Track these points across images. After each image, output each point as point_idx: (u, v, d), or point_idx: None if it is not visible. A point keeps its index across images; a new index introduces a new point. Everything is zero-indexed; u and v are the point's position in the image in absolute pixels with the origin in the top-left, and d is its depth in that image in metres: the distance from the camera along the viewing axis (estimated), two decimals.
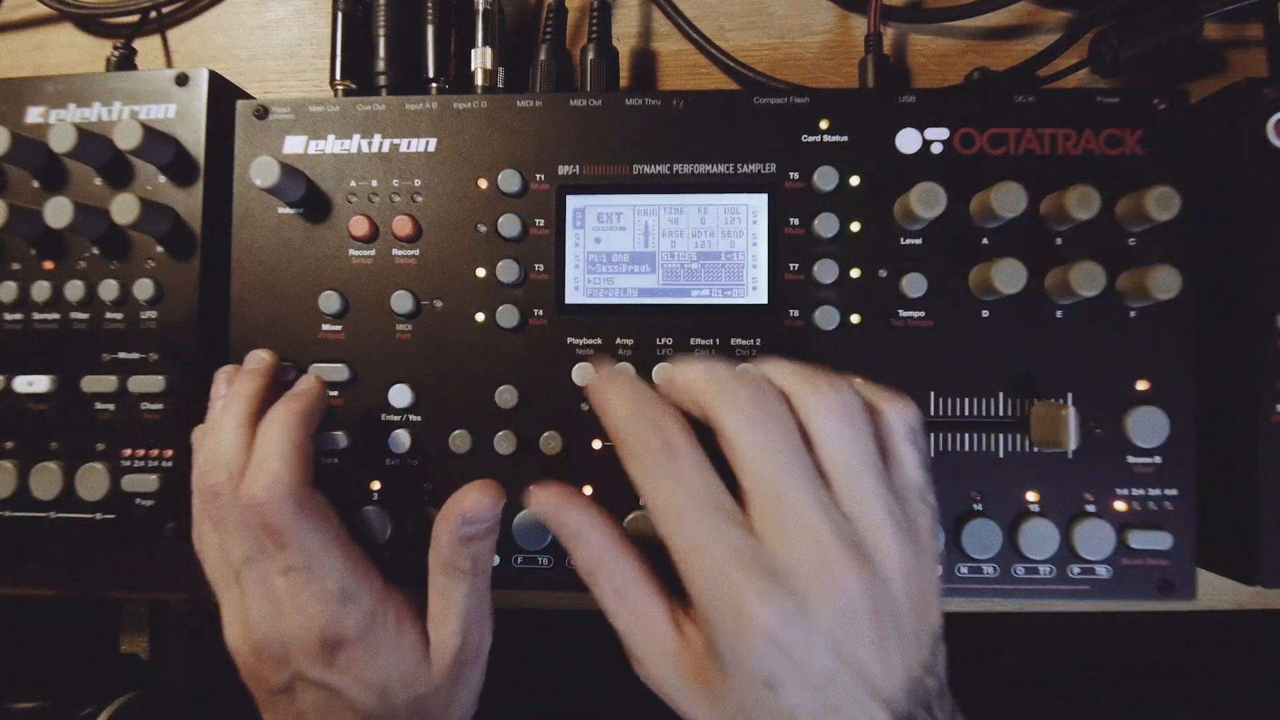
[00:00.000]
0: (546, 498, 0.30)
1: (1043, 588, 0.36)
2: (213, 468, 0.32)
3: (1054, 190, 0.35)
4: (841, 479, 0.27)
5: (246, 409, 0.34)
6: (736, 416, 0.27)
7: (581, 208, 0.37)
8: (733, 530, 0.26)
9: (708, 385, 0.27)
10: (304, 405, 0.34)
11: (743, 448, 0.26)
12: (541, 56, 0.42)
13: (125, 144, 0.36)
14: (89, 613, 0.60)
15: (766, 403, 0.27)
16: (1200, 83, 0.43)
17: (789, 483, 0.26)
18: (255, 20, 0.49)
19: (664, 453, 0.27)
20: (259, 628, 0.32)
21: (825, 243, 0.37)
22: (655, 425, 0.27)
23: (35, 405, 0.38)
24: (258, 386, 0.35)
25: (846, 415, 0.27)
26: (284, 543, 0.31)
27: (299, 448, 0.33)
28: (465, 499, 0.32)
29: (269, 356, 0.37)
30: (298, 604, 0.32)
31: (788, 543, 0.25)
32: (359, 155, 0.38)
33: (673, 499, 0.26)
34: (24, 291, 0.38)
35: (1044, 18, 0.45)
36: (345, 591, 0.32)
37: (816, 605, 0.25)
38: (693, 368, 0.28)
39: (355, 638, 0.32)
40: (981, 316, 0.36)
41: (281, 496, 0.31)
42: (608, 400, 0.29)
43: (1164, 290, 0.33)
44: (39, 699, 0.50)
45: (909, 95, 0.37)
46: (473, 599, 0.34)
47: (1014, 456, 0.36)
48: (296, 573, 0.32)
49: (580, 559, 0.29)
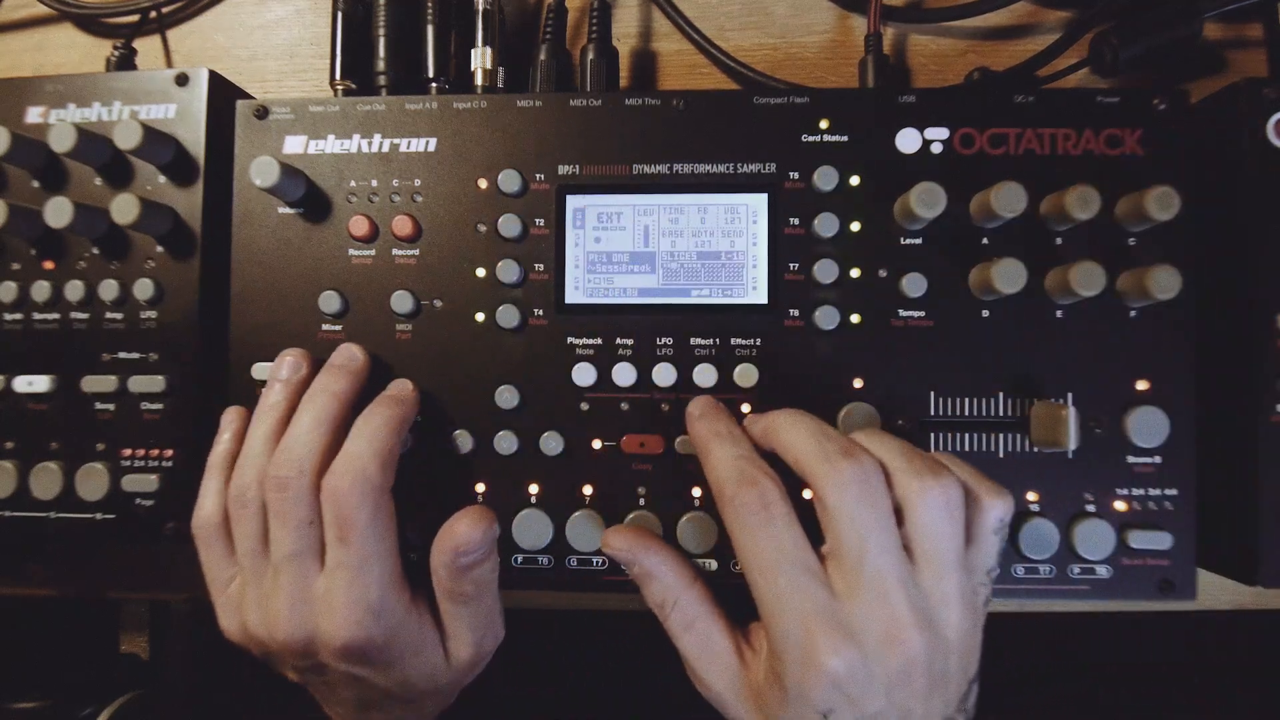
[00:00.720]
0: (621, 542, 0.33)
1: (1043, 588, 0.36)
2: (284, 461, 0.32)
3: (1054, 190, 0.35)
4: (926, 561, 0.29)
5: (333, 408, 0.34)
6: (838, 494, 0.29)
7: (581, 208, 0.37)
8: (814, 587, 0.29)
9: (813, 457, 0.30)
10: (402, 413, 0.34)
11: (839, 521, 0.29)
12: (541, 56, 0.42)
13: (125, 144, 0.36)
14: (89, 613, 0.60)
15: (868, 486, 0.29)
16: (1200, 83, 0.43)
17: (876, 556, 0.28)
18: (255, 20, 0.49)
19: (761, 511, 0.29)
20: (288, 622, 0.32)
21: (825, 243, 0.37)
22: (754, 483, 0.30)
23: (35, 405, 0.38)
24: (348, 388, 0.35)
25: (946, 509, 0.29)
26: (349, 539, 0.32)
27: (393, 451, 0.33)
28: (456, 531, 0.33)
29: (362, 355, 0.36)
30: (331, 604, 0.32)
31: (863, 605, 0.28)
32: (359, 155, 0.38)
33: (763, 552, 0.29)
34: (24, 291, 0.38)
35: (1044, 18, 0.45)
36: (382, 604, 0.32)
37: (879, 662, 0.28)
38: (799, 430, 0.31)
39: (380, 647, 0.32)
40: (981, 316, 0.36)
41: (364, 494, 0.32)
42: (710, 450, 0.32)
43: (1164, 290, 0.33)
44: (39, 699, 0.50)
45: (909, 95, 0.37)
46: (480, 615, 0.35)
47: (1014, 456, 0.36)
48: (343, 571, 0.32)
49: (652, 595, 0.33)
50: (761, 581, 0.29)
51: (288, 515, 0.32)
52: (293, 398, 0.35)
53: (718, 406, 0.35)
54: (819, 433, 0.31)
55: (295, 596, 0.32)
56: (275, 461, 0.33)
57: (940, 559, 0.29)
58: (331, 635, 0.32)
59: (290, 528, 0.32)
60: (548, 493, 0.37)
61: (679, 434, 0.36)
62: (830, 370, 0.36)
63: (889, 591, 0.28)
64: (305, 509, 0.32)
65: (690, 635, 0.32)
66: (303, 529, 0.32)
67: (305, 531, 0.32)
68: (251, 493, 0.33)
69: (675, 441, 0.36)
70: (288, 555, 0.32)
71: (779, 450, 0.32)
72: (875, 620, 0.28)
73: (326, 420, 0.33)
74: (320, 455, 0.33)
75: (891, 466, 0.30)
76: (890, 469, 0.30)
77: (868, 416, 0.36)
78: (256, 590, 0.33)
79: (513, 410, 0.37)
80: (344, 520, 0.32)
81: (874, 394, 0.36)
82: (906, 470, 0.30)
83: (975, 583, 0.30)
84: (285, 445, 0.33)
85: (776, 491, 0.30)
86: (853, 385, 0.36)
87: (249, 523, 0.33)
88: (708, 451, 0.32)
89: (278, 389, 0.35)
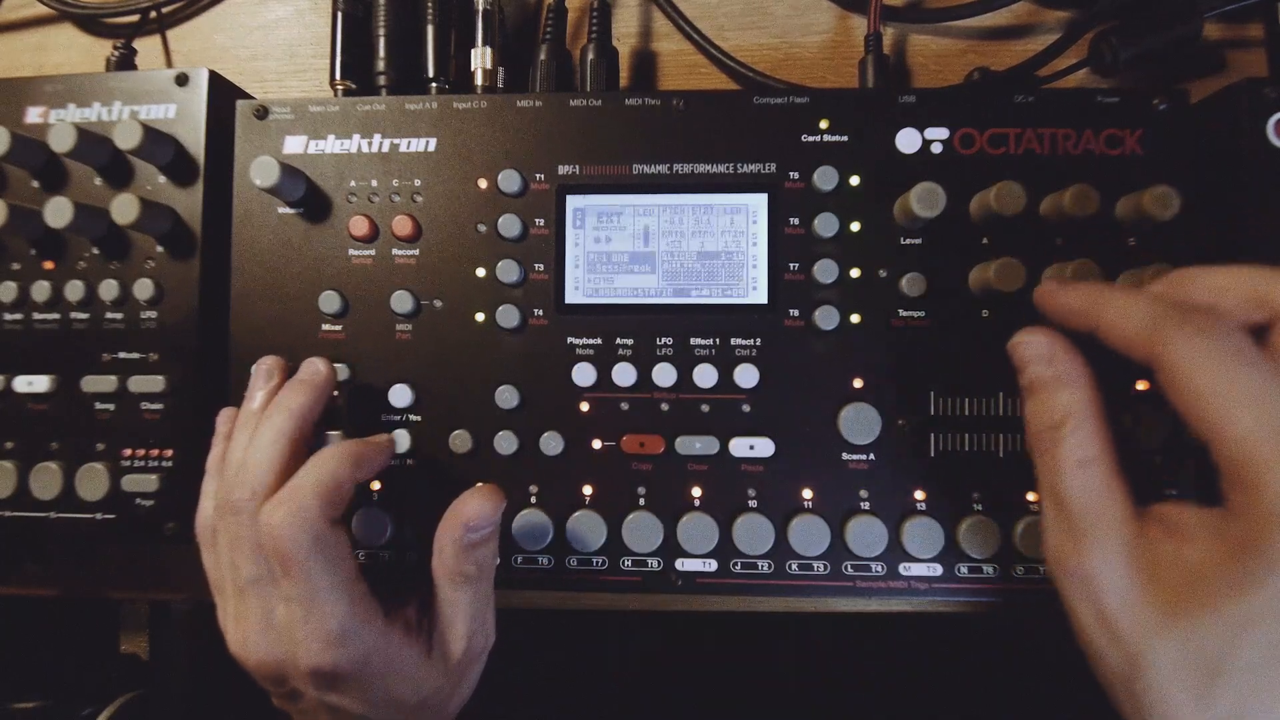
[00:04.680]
0: (1041, 334, 0.29)
1: (1043, 588, 0.36)
2: (239, 482, 0.32)
3: (1054, 190, 0.35)
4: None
5: (290, 425, 0.33)
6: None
7: (581, 208, 0.37)
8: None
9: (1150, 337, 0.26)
10: (365, 452, 0.33)
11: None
12: (541, 56, 0.42)
13: (125, 144, 0.36)
14: (89, 613, 0.60)
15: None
16: (1200, 83, 0.43)
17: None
18: (255, 20, 0.49)
19: (1219, 335, 0.25)
20: (257, 647, 0.32)
21: (825, 243, 0.37)
22: (1189, 314, 0.26)
23: (35, 405, 0.38)
24: (308, 402, 0.34)
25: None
26: (291, 574, 0.30)
27: (340, 486, 0.32)
28: (468, 506, 0.32)
29: (325, 368, 0.35)
30: (293, 636, 0.31)
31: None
32: (359, 155, 0.38)
33: (1241, 382, 0.24)
34: (24, 291, 0.38)
35: (1044, 18, 0.45)
36: (344, 632, 0.31)
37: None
38: (1127, 310, 0.27)
39: (348, 674, 0.31)
40: (981, 316, 0.36)
41: (299, 529, 0.30)
42: (1105, 308, 0.27)
43: None
44: (39, 699, 0.50)
45: (909, 95, 0.37)
46: (478, 603, 0.34)
47: (1014, 456, 0.36)
48: (296, 604, 0.31)
49: (1050, 408, 0.27)
50: (1239, 414, 0.24)
51: (242, 540, 0.31)
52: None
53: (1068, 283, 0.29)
54: (1150, 309, 0.26)
55: (262, 621, 0.31)
56: (228, 484, 0.32)
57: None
58: (299, 660, 0.31)
59: (246, 553, 0.31)
60: (548, 493, 0.37)
61: (679, 434, 0.36)
62: (830, 370, 0.36)
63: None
64: (256, 532, 0.31)
65: (1084, 478, 0.26)
66: (258, 555, 0.31)
67: (260, 557, 0.31)
68: (215, 512, 0.33)
69: (675, 441, 0.36)
70: (250, 580, 0.32)
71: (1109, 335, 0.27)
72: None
73: (282, 438, 0.32)
74: (274, 476, 0.32)
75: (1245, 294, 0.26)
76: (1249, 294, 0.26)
77: (868, 416, 0.36)
78: (236, 602, 0.33)
79: (513, 410, 0.37)
80: (282, 556, 0.30)
81: (874, 394, 0.36)
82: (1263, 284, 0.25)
83: None
84: (238, 467, 0.32)
85: (1210, 315, 0.25)
86: (853, 385, 0.36)
87: (219, 542, 0.33)
88: (1103, 308, 0.27)
89: (259, 398, 0.35)
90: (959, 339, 0.36)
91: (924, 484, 0.36)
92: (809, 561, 0.36)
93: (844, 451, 0.36)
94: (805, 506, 0.36)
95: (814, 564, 0.36)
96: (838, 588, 0.36)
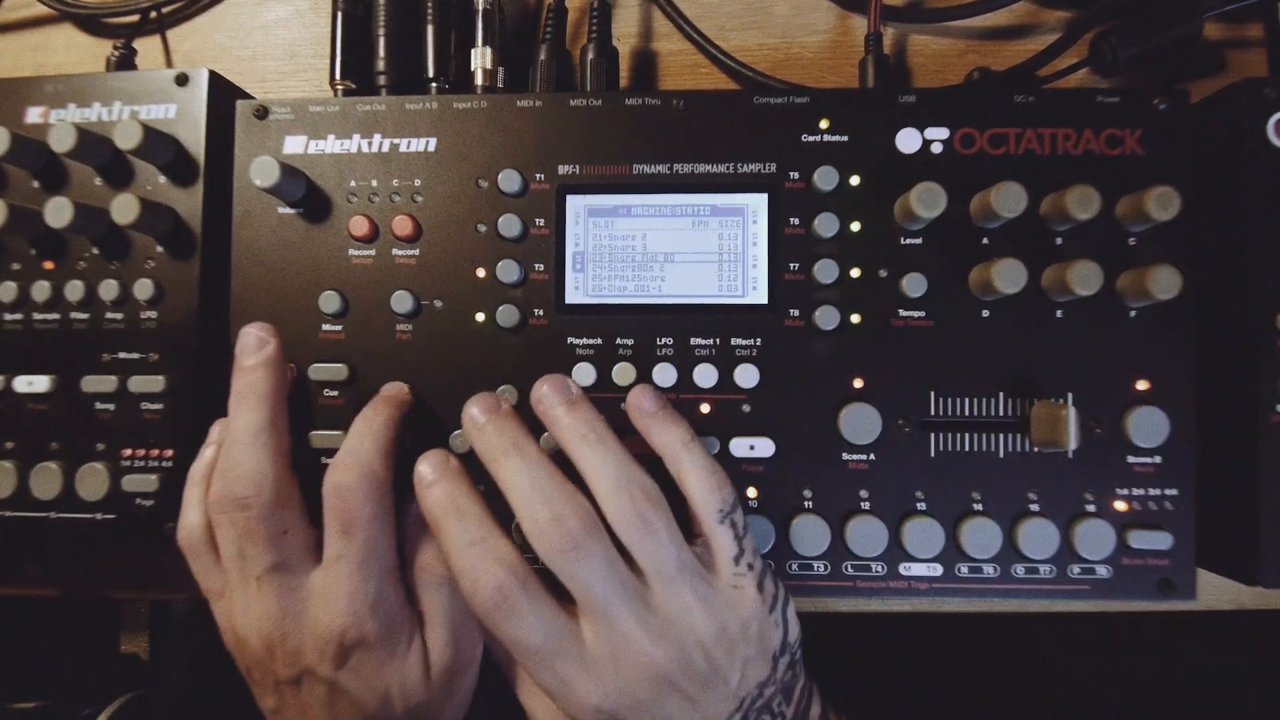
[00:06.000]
0: None
1: (1043, 588, 0.36)
2: (239, 477, 0.32)
3: (1054, 190, 0.35)
4: (652, 580, 0.31)
5: (264, 411, 0.33)
6: (562, 564, 0.30)
7: (582, 208, 0.37)
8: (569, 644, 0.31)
9: (529, 522, 0.31)
10: (398, 413, 0.35)
11: (570, 586, 0.31)
12: (541, 56, 0.42)
13: (125, 144, 0.36)
14: (89, 613, 0.60)
15: (581, 547, 0.30)
16: (1200, 83, 0.43)
17: (605, 602, 0.30)
18: (255, 20, 0.49)
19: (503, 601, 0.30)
20: (276, 625, 0.32)
21: (825, 243, 0.37)
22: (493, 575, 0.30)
23: (35, 405, 0.38)
24: (274, 382, 0.34)
25: (639, 530, 0.31)
26: (353, 532, 0.32)
27: (392, 443, 0.34)
28: None
29: (273, 340, 0.35)
30: (327, 597, 0.32)
31: (602, 644, 0.30)
32: (359, 155, 0.38)
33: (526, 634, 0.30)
34: (24, 291, 0.38)
35: (1044, 18, 0.45)
36: (380, 596, 0.32)
37: (630, 686, 0.30)
38: (515, 485, 0.31)
39: (373, 643, 0.32)
40: (981, 316, 0.36)
41: (369, 489, 0.32)
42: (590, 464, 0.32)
43: (1164, 290, 0.33)
44: (39, 699, 0.50)
45: (909, 95, 0.37)
46: (456, 604, 0.34)
47: (1014, 456, 0.36)
48: (346, 563, 0.32)
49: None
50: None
51: (256, 532, 0.32)
52: None
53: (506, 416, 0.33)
54: (531, 495, 0.31)
55: (283, 599, 0.32)
56: (228, 481, 0.32)
57: (659, 574, 0.31)
58: (328, 626, 0.32)
59: (263, 543, 0.32)
60: None
61: None
62: (830, 370, 0.36)
63: (618, 621, 0.30)
64: (275, 522, 0.32)
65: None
66: (277, 541, 0.32)
67: (281, 542, 0.32)
68: (212, 511, 0.33)
69: None
70: (268, 568, 0.32)
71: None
72: (619, 651, 0.30)
73: (264, 424, 0.33)
74: (272, 463, 0.33)
75: (599, 505, 0.31)
76: (599, 506, 0.31)
77: (868, 416, 0.36)
78: (243, 595, 0.33)
79: None
80: (348, 515, 0.32)
81: (874, 394, 0.36)
82: (602, 505, 0.31)
83: (731, 575, 0.32)
84: (233, 461, 0.33)
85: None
86: (853, 385, 0.36)
87: (228, 528, 0.33)
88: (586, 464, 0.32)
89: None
90: (959, 339, 0.36)
91: (924, 484, 0.36)
92: (809, 561, 0.36)
93: (844, 451, 0.36)
94: (805, 506, 0.36)
95: (814, 564, 0.36)
96: (838, 588, 0.36)
